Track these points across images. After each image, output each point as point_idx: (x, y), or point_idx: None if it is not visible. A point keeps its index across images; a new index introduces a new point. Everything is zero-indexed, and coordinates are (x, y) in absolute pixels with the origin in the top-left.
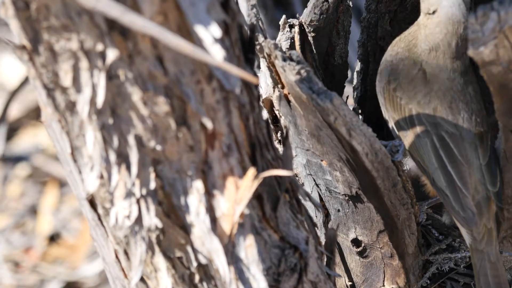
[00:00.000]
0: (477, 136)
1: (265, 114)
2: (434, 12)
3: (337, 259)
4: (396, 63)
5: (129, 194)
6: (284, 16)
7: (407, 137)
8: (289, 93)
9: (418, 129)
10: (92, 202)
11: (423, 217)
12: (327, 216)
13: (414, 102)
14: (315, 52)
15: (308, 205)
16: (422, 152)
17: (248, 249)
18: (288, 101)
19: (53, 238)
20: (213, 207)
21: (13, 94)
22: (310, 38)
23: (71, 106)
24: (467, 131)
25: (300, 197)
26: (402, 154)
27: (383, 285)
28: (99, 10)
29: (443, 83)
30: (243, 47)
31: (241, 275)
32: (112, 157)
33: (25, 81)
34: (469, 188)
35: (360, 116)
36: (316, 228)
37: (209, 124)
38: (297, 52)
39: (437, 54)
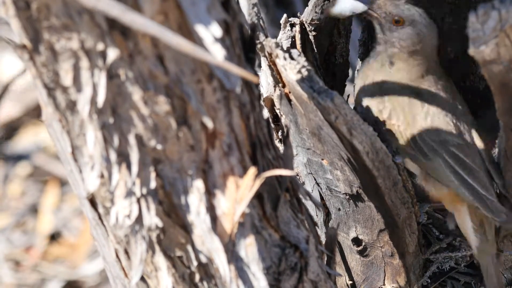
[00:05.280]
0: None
1: (265, 113)
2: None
3: (338, 258)
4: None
5: (129, 193)
6: (285, 15)
7: (420, 163)
8: (290, 92)
9: (427, 151)
10: (92, 201)
11: (423, 218)
12: (327, 215)
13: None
14: (316, 51)
15: (309, 204)
16: (439, 172)
17: (248, 248)
18: (289, 100)
19: (54, 237)
20: (213, 206)
21: (4, 89)
22: (311, 37)
23: (72, 106)
24: (469, 137)
25: (301, 196)
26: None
27: (384, 284)
28: (100, 9)
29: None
30: (244, 46)
31: (241, 274)
32: (113, 156)
33: (17, 75)
34: (493, 192)
35: None
36: (316, 227)
37: (209, 124)
38: (298, 51)
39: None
